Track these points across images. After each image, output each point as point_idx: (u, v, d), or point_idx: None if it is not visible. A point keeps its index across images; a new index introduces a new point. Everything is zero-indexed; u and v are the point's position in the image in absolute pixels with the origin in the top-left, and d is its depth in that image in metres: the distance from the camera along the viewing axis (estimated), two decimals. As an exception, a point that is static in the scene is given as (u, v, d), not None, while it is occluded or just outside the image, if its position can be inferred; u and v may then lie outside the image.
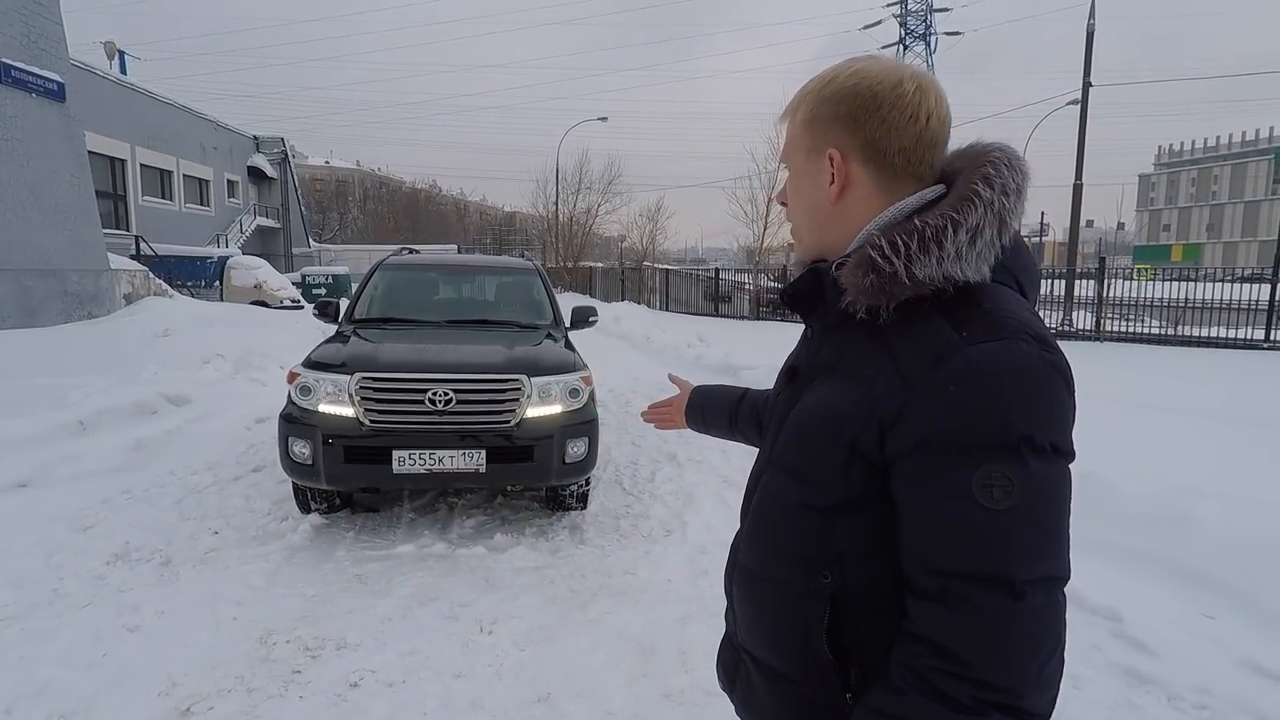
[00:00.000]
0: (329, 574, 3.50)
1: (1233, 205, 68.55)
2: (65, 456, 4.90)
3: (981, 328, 0.76)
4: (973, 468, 0.73)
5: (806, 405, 0.91)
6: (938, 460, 0.75)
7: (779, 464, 0.94)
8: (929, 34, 43.20)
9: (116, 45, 28.52)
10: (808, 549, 0.87)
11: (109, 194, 21.48)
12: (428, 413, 3.83)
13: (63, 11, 11.57)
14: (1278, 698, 2.44)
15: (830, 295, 0.89)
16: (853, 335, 0.87)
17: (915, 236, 0.80)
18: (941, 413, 0.74)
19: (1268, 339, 11.81)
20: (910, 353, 0.79)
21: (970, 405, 0.73)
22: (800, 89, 0.95)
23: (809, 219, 0.95)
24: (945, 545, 0.75)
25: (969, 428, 0.73)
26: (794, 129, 0.95)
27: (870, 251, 0.81)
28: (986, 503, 0.72)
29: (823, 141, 0.90)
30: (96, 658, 2.70)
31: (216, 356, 8.69)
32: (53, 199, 10.92)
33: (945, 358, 0.75)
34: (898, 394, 0.78)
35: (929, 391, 0.75)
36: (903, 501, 0.79)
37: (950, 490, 0.74)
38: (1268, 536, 3.19)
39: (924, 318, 0.80)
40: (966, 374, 0.74)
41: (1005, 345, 0.75)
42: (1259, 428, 5.40)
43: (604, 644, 2.91)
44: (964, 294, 0.80)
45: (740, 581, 1.00)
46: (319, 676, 2.60)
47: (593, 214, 34.03)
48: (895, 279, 0.79)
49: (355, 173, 71.47)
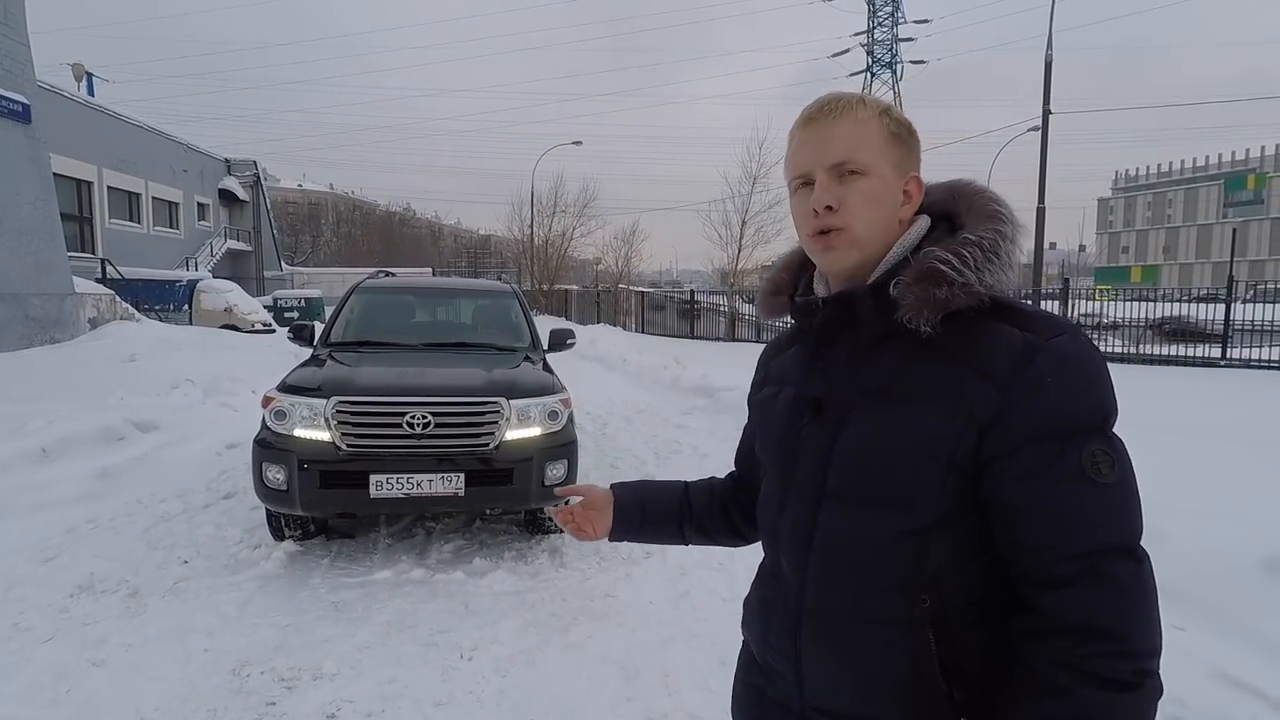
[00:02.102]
0: (304, 602, 3.42)
1: (1186, 228, 71.07)
2: (26, 485, 4.74)
3: (1042, 325, 0.83)
4: (1079, 450, 0.78)
5: (870, 432, 0.88)
6: (1049, 449, 0.79)
7: (844, 498, 0.89)
8: (895, 63, 44.46)
9: (84, 67, 28.19)
10: (905, 576, 0.85)
11: (75, 216, 21.07)
12: (406, 436, 3.79)
13: (30, 33, 11.42)
14: (1249, 708, 2.50)
15: (866, 316, 0.90)
16: (896, 354, 0.88)
17: (977, 249, 0.85)
18: (1043, 404, 0.79)
19: (1224, 357, 12.20)
20: (991, 357, 0.82)
21: (1068, 393, 0.80)
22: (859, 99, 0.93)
23: (880, 230, 0.91)
24: (1077, 527, 0.78)
25: (1069, 414, 0.79)
26: (876, 138, 0.90)
27: (939, 265, 0.84)
28: (1099, 479, 0.78)
29: (907, 162, 0.92)
30: (60, 694, 2.60)
31: (186, 381, 8.51)
32: (16, 221, 10.69)
33: (1031, 355, 0.80)
34: (992, 397, 0.80)
35: (1027, 387, 0.79)
36: (1017, 498, 0.80)
37: (1067, 475, 0.78)
38: (1234, 550, 3.28)
39: (980, 325, 0.84)
40: (1056, 366, 0.80)
41: (1071, 339, 0.82)
42: (1224, 444, 5.56)
43: (586, 668, 2.88)
44: (1001, 303, 0.86)
45: (819, 633, 0.92)
46: (295, 708, 2.54)
47: (568, 237, 34.15)
48: (966, 288, 0.83)
49: (329, 195, 71.02)
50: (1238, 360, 12.04)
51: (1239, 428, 6.41)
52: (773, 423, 1.02)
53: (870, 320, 0.89)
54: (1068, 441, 0.79)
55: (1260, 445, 5.50)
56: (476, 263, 51.73)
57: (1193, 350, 12.42)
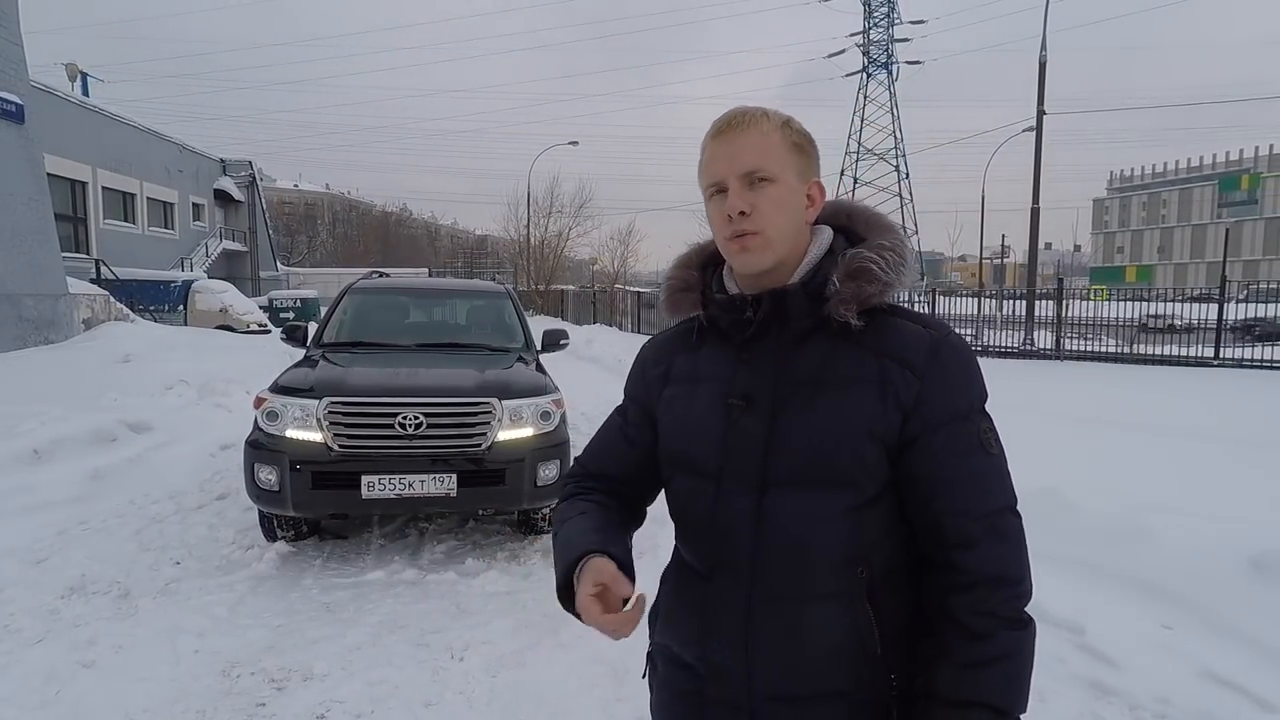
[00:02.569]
0: (296, 603, 3.42)
1: (1181, 228, 71.26)
2: (18, 487, 4.73)
3: (935, 325, 0.97)
4: (978, 427, 0.94)
5: (811, 417, 0.93)
6: (957, 427, 0.92)
7: (788, 484, 0.93)
8: (890, 63, 44.50)
9: (79, 67, 28.08)
10: (848, 551, 0.93)
11: (69, 217, 20.97)
12: (398, 437, 3.80)
13: (23, 33, 11.38)
14: (1234, 705, 2.52)
15: (796, 312, 0.98)
16: (822, 346, 0.96)
17: (891, 254, 0.97)
18: (951, 390, 0.93)
19: (1217, 356, 12.26)
20: (906, 347, 0.93)
21: (964, 379, 0.94)
22: (763, 112, 0.99)
23: (790, 232, 0.98)
24: (982, 492, 0.92)
25: (968, 397, 0.94)
26: (780, 147, 0.96)
27: (869, 264, 0.95)
28: (993, 451, 0.94)
29: (809, 170, 1.00)
30: (49, 696, 2.60)
31: (180, 382, 8.48)
32: (9, 222, 10.64)
33: (937, 348, 0.93)
34: (912, 384, 0.92)
35: (938, 375, 0.92)
36: (936, 468, 0.92)
37: (970, 449, 0.92)
38: (1221, 549, 3.30)
39: (889, 322, 0.96)
40: (955, 357, 0.94)
41: (956, 335, 0.97)
42: (1217, 443, 5.59)
43: (577, 668, 2.88)
44: (893, 305, 0.98)
45: (769, 620, 0.95)
46: (284, 709, 2.54)
47: (564, 237, 34.15)
48: (889, 288, 0.95)
49: (325, 196, 70.85)
50: (1230, 360, 12.11)
51: (1231, 427, 6.44)
52: (694, 419, 1.02)
53: (799, 316, 0.97)
54: (968, 421, 0.93)
55: (1251, 445, 5.53)
56: (473, 263, 51.70)
57: (1186, 350, 12.49)
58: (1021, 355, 14.11)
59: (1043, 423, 6.27)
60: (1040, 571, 0.96)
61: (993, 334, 15.16)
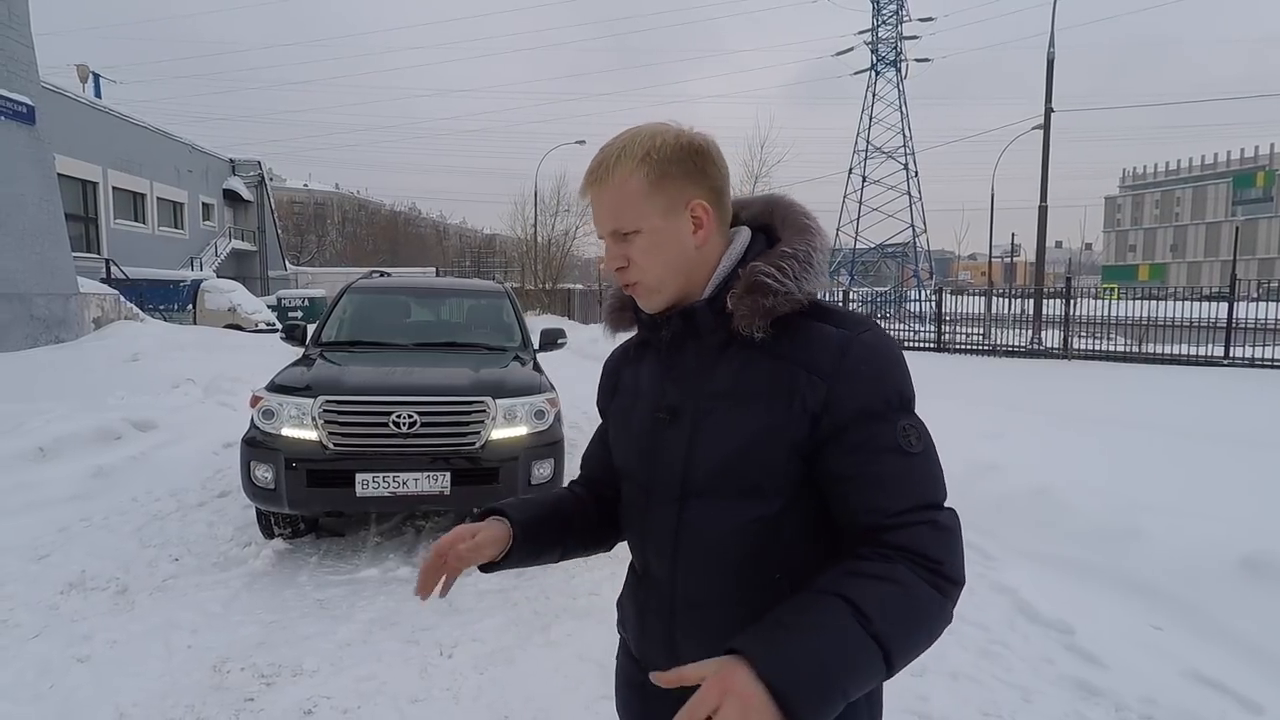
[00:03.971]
0: (289, 600, 3.46)
1: (1195, 226, 70.56)
2: (21, 484, 4.80)
3: (852, 322, 0.94)
4: (894, 425, 0.90)
5: (724, 430, 0.94)
6: (870, 427, 0.90)
7: (705, 494, 0.96)
8: (899, 61, 44.24)
9: (90, 68, 28.33)
10: (763, 557, 0.93)
11: (80, 217, 21.17)
12: (392, 435, 3.83)
13: (35, 34, 11.51)
14: (1219, 705, 2.51)
15: (706, 327, 0.98)
16: (734, 361, 0.96)
17: (794, 261, 0.95)
18: (861, 389, 0.90)
19: (1227, 356, 12.14)
20: (814, 352, 0.92)
21: (879, 378, 0.91)
22: (617, 157, 0.95)
23: (673, 270, 0.98)
24: (898, 490, 0.89)
25: (883, 396, 0.91)
26: (634, 196, 0.95)
27: (763, 278, 0.93)
28: (910, 450, 0.90)
29: (681, 196, 0.96)
30: (43, 690, 2.64)
31: (186, 381, 8.57)
32: (20, 222, 10.77)
33: (847, 347, 0.91)
34: (819, 386, 0.90)
35: (846, 375, 0.90)
36: (848, 469, 0.90)
37: (886, 448, 0.89)
38: (1213, 549, 3.28)
39: (805, 326, 0.94)
40: (868, 355, 0.91)
41: (874, 333, 0.94)
42: (1214, 443, 5.54)
43: (564, 666, 2.90)
44: (818, 305, 0.97)
45: (691, 622, 0.99)
46: (272, 704, 2.57)
47: (570, 236, 34.16)
48: (789, 297, 0.93)
49: (334, 195, 71.17)
50: (1241, 359, 11.98)
51: (1231, 426, 6.39)
52: (631, 431, 1.07)
53: (710, 330, 0.97)
54: (883, 419, 0.90)
55: (1250, 444, 5.48)
56: (480, 262, 51.83)
57: (1196, 349, 12.37)
58: (1029, 354, 14.02)
59: (1042, 423, 6.24)
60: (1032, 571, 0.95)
61: (1000, 333, 15.08)
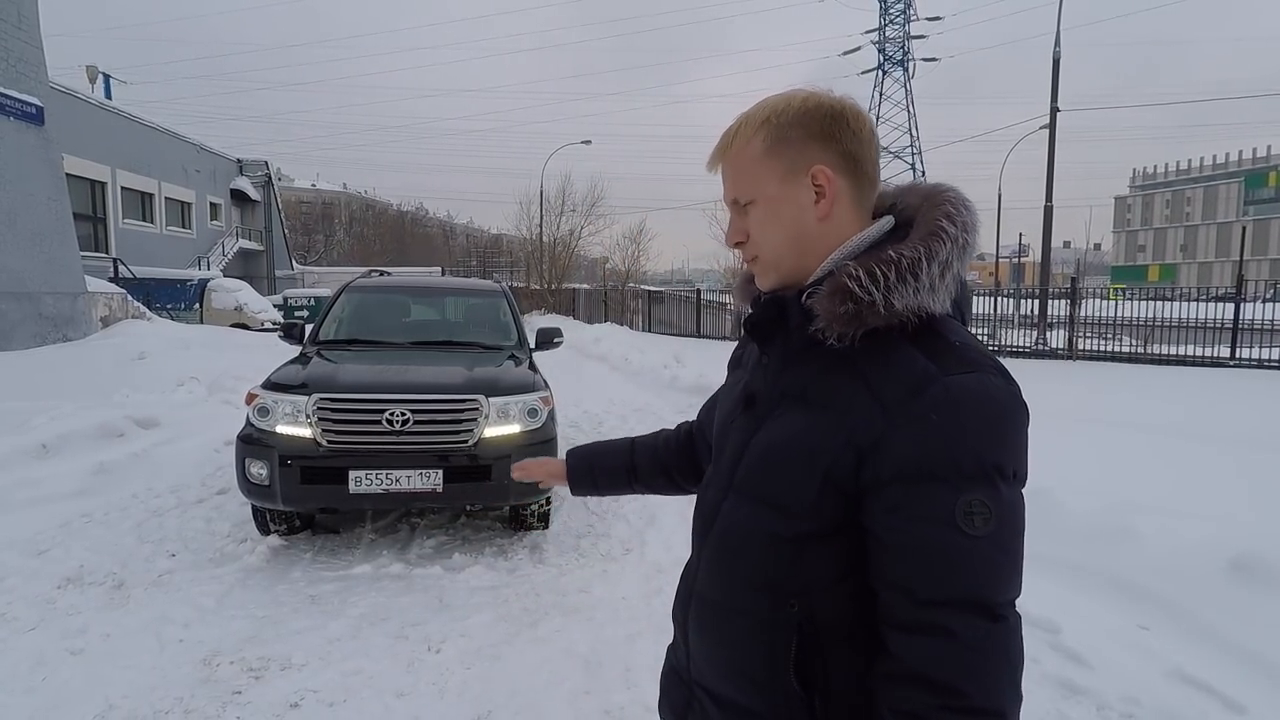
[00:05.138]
0: (282, 595, 3.49)
1: (1205, 226, 70.03)
2: (23, 480, 4.86)
3: (955, 359, 0.79)
4: (954, 496, 0.75)
5: (774, 433, 0.89)
6: (920, 488, 0.76)
7: (744, 491, 0.92)
8: (907, 60, 44.10)
9: (99, 69, 28.59)
10: (775, 578, 0.86)
11: (88, 217, 21.38)
12: (385, 433, 3.86)
13: (45, 36, 11.63)
14: (1201, 705, 2.50)
15: (795, 322, 0.89)
16: (817, 363, 0.87)
17: (893, 267, 0.81)
18: (923, 441, 0.76)
19: (1233, 357, 12.05)
20: (886, 381, 0.79)
21: (951, 434, 0.75)
22: (741, 124, 0.92)
23: (793, 245, 0.90)
24: (930, 573, 0.75)
25: (950, 456, 0.75)
26: (752, 162, 0.90)
27: (847, 281, 0.82)
28: (969, 530, 0.74)
29: (802, 160, 0.88)
30: (36, 682, 2.68)
31: (191, 379, 8.64)
32: (29, 222, 10.89)
33: (925, 387, 0.77)
34: (876, 421, 0.78)
35: (910, 420, 0.76)
36: (882, 530, 0.78)
37: (933, 518, 0.75)
38: (1201, 550, 3.27)
39: (895, 347, 0.81)
40: (947, 403, 0.76)
41: (979, 378, 0.78)
42: (1209, 444, 5.51)
43: (550, 661, 2.92)
44: (928, 325, 0.82)
45: (699, 614, 0.96)
46: (259, 697, 2.60)
47: (576, 236, 34.20)
48: (872, 308, 0.80)
49: (342, 195, 71.53)
50: (1247, 360, 11.90)
51: (1229, 427, 6.35)
52: (723, 409, 1.04)
53: (799, 326, 0.88)
54: (943, 484, 0.75)
55: (1245, 445, 5.45)
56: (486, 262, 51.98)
57: (1203, 350, 12.30)
58: (1035, 355, 13.97)
59: (1040, 423, 6.21)
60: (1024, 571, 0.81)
61: (1006, 333, 15.03)
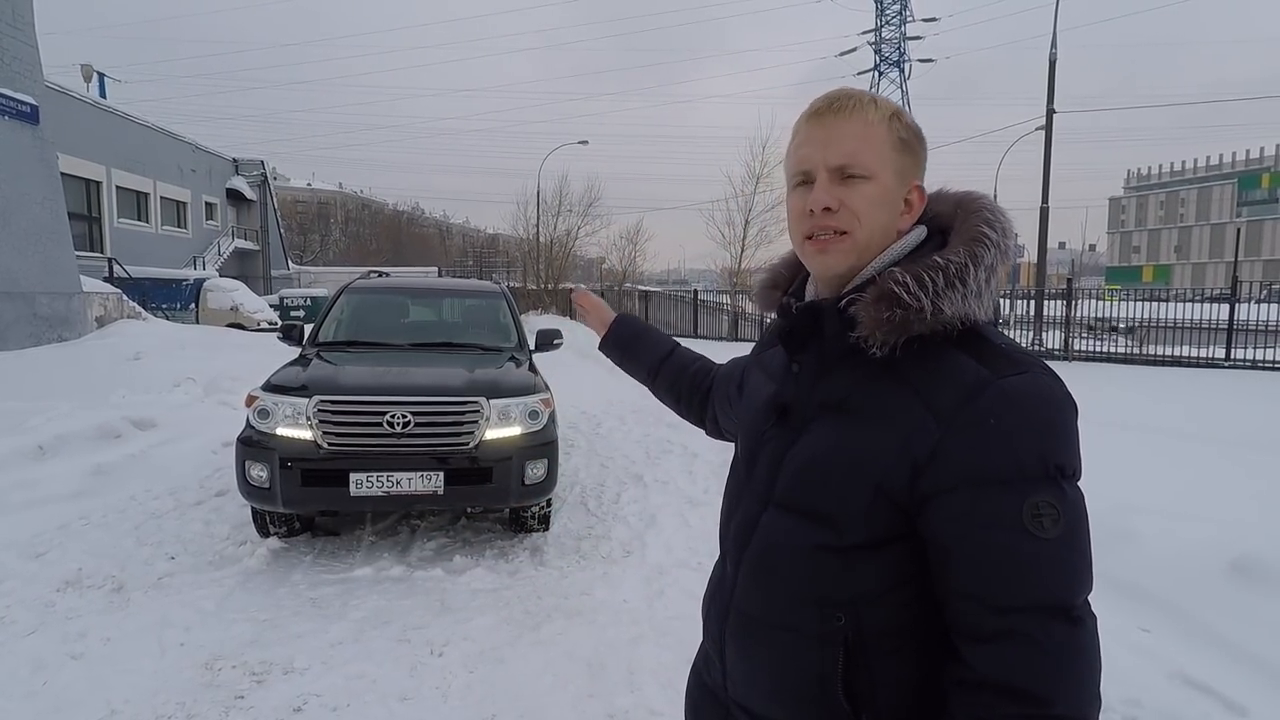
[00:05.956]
0: (283, 598, 3.48)
1: (1199, 227, 70.35)
2: (21, 482, 4.83)
3: (1005, 362, 0.78)
4: (1021, 498, 0.73)
5: (815, 446, 0.87)
6: (985, 493, 0.74)
7: (785, 505, 0.89)
8: (903, 61, 44.23)
9: (94, 68, 28.46)
10: (822, 591, 0.84)
11: (83, 216, 21.29)
12: (386, 435, 3.85)
13: (41, 34, 11.57)
14: (1203, 707, 2.51)
15: (831, 330, 0.87)
16: (857, 372, 0.84)
17: (940, 273, 0.80)
18: (984, 446, 0.74)
19: (1228, 357, 12.11)
20: (939, 388, 0.78)
21: (1011, 437, 0.74)
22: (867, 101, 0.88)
23: (879, 236, 0.87)
24: (1003, 580, 0.74)
25: (1013, 459, 0.74)
26: (881, 143, 0.86)
27: (894, 287, 0.80)
28: (1039, 533, 0.73)
29: (912, 171, 0.88)
30: (36, 686, 2.67)
31: (188, 380, 8.60)
32: (23, 221, 10.83)
33: (980, 391, 0.75)
34: (931, 430, 0.77)
35: (968, 425, 0.75)
36: (949, 539, 0.77)
37: (1001, 523, 0.73)
38: (1202, 551, 3.28)
39: (942, 353, 0.80)
40: (1005, 406, 0.75)
41: (1032, 378, 0.77)
42: (1208, 445, 5.54)
43: (554, 665, 2.92)
44: (973, 330, 0.81)
45: (738, 630, 0.93)
46: (262, 701, 2.59)
47: (573, 236, 34.15)
48: (920, 314, 0.79)
49: (337, 195, 71.44)
50: (1242, 361, 11.96)
51: (1226, 428, 6.38)
52: (752, 411, 1.01)
53: (836, 334, 0.86)
54: (1008, 488, 0.74)
55: (1242, 446, 5.48)
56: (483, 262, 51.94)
57: (1198, 351, 12.36)
58: (1029, 356, 14.03)
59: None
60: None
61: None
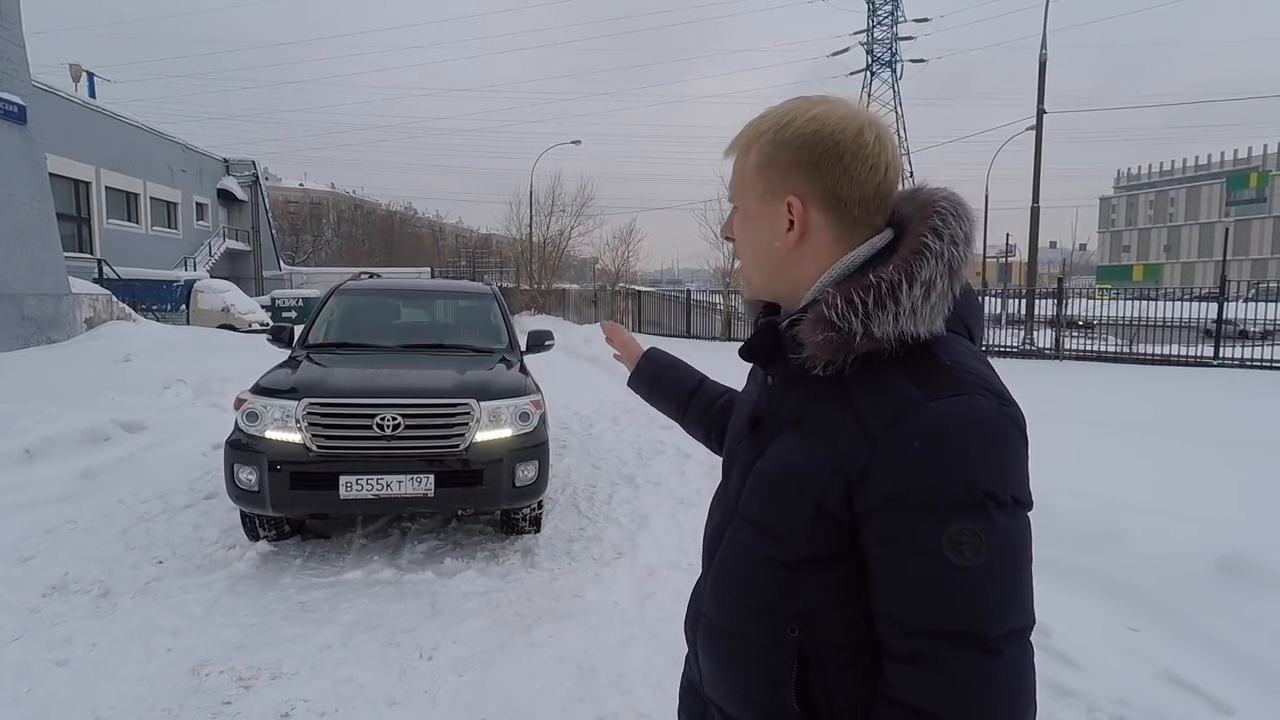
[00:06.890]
0: (271, 602, 3.46)
1: (1189, 227, 70.88)
2: (7, 486, 4.79)
3: (942, 383, 0.76)
4: (942, 526, 0.73)
5: (770, 460, 0.89)
6: (906, 518, 0.74)
7: (745, 517, 0.91)
8: (895, 62, 44.37)
9: (83, 67, 28.28)
10: (775, 603, 0.86)
11: (72, 217, 21.16)
12: (376, 438, 3.83)
13: (28, 34, 11.48)
14: (1189, 706, 2.53)
15: (789, 348, 0.87)
16: (814, 388, 0.85)
17: (871, 292, 0.78)
18: (907, 470, 0.74)
19: (1217, 356, 12.20)
20: (872, 408, 0.78)
21: (935, 462, 0.73)
22: (752, 125, 0.90)
23: (761, 263, 0.91)
24: (918, 604, 0.74)
25: (935, 485, 0.73)
26: (745, 170, 0.90)
27: (824, 309, 0.80)
28: (957, 560, 0.72)
29: (780, 187, 0.86)
30: (20, 693, 2.64)
31: (178, 381, 8.55)
32: (12, 222, 10.75)
33: (907, 414, 0.75)
34: (862, 451, 0.77)
35: (893, 449, 0.75)
36: (874, 560, 0.78)
37: (920, 549, 0.73)
38: (1190, 550, 3.30)
39: (884, 371, 0.79)
40: (929, 430, 0.74)
41: (965, 400, 0.75)
42: (1195, 444, 5.57)
43: (544, 668, 2.91)
44: (921, 346, 0.80)
45: (705, 635, 0.97)
46: (249, 707, 2.58)
47: (565, 236, 34.12)
48: (852, 336, 0.78)
49: (330, 195, 71.09)
50: (1231, 360, 12.05)
51: (1215, 427, 6.42)
52: (733, 427, 1.03)
53: (792, 350, 0.86)
54: (930, 513, 0.73)
55: (1231, 445, 5.51)
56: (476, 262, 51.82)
57: (1187, 350, 12.44)
58: (1022, 355, 14.09)
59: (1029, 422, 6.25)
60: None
61: (993, 333, 15.15)
